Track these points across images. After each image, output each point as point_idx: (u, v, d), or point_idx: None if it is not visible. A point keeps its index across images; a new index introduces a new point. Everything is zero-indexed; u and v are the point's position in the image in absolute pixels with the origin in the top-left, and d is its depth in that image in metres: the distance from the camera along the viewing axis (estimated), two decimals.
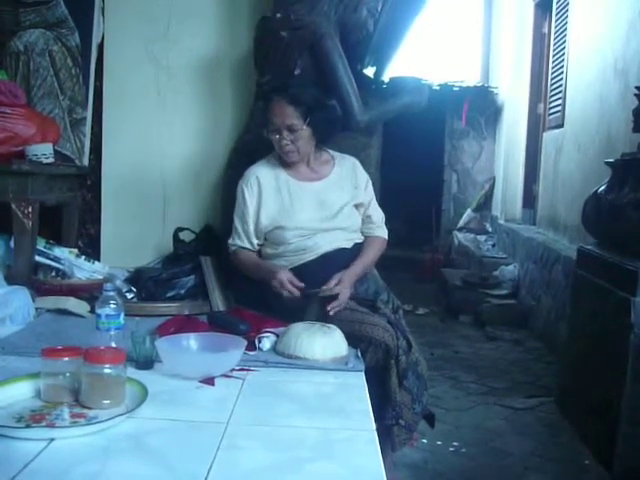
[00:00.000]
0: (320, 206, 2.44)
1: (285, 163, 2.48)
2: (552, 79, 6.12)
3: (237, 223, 2.48)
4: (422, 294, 6.82)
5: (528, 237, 5.96)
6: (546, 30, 6.61)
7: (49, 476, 1.22)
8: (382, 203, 2.67)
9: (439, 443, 3.14)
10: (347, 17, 2.86)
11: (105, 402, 1.51)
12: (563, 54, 5.72)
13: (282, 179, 2.46)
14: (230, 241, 2.51)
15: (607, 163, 3.46)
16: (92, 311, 2.24)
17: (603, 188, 3.39)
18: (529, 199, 6.83)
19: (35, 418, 1.45)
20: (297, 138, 2.39)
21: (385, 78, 3.88)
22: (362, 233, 2.54)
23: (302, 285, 2.26)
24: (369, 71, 3.75)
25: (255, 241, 2.48)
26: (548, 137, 6.15)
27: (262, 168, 2.49)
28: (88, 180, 3.19)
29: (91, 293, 2.49)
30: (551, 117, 6.06)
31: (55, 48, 3.06)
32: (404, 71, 4.29)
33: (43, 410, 1.50)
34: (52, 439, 1.35)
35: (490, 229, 8.17)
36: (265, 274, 2.36)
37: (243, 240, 2.48)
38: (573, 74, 5.41)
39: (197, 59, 3.13)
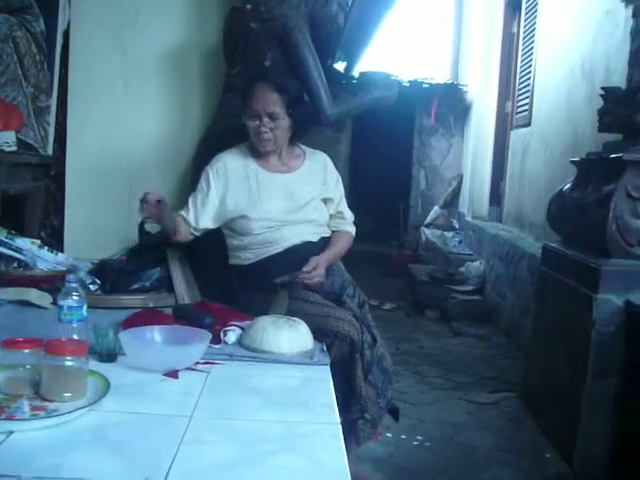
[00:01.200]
0: (288, 198, 2.43)
1: (256, 153, 2.46)
2: (520, 78, 6.18)
3: (190, 199, 2.46)
4: (389, 289, 6.85)
5: (494, 234, 6.01)
6: (515, 30, 6.67)
7: (8, 469, 1.20)
8: (350, 198, 2.67)
9: (403, 437, 3.16)
10: (317, 10, 2.86)
11: (66, 395, 1.49)
12: (532, 54, 5.78)
13: (251, 168, 2.45)
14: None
15: (572, 162, 3.51)
16: (54, 303, 2.20)
17: (568, 186, 3.43)
18: (496, 197, 6.89)
19: None
20: (276, 127, 2.38)
21: (355, 73, 3.89)
22: (331, 228, 2.54)
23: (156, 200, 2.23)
24: (340, 66, 3.75)
25: (202, 220, 2.44)
26: (515, 135, 6.21)
27: (231, 155, 2.47)
28: (52, 170, 3.14)
29: (54, 285, 2.45)
30: (519, 116, 6.12)
31: (19, 34, 3.00)
32: (374, 67, 4.29)
33: (2, 403, 1.47)
34: (11, 432, 1.33)
35: (457, 226, 8.23)
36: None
37: (188, 212, 2.44)
38: (541, 74, 5.47)
39: (165, 49, 3.09)
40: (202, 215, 2.43)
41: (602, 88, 3.24)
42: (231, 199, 2.41)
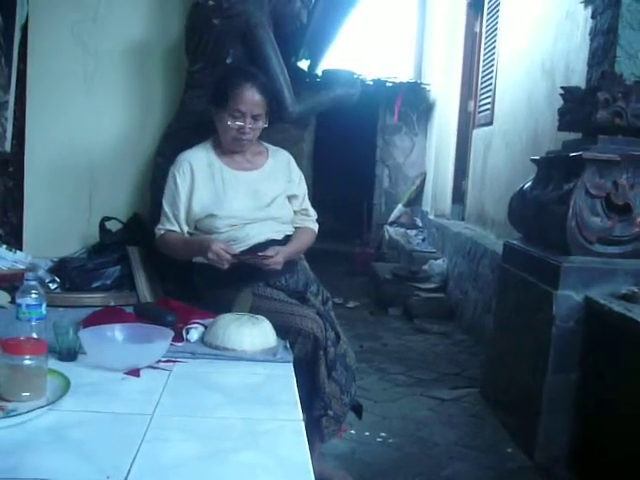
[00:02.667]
0: (253, 195, 2.42)
1: (221, 150, 2.45)
2: (482, 77, 6.25)
3: (167, 208, 2.41)
4: (353, 287, 6.88)
5: (457, 232, 6.07)
6: (478, 29, 6.74)
7: None
8: (314, 197, 2.67)
9: (367, 434, 3.17)
10: (281, 7, 2.85)
11: (25, 394, 1.46)
12: (494, 53, 5.84)
13: (216, 167, 2.43)
14: (158, 226, 2.44)
15: (533, 160, 3.55)
16: (13, 301, 2.16)
17: (528, 184, 3.48)
18: (458, 195, 6.96)
19: None
20: (257, 127, 2.39)
21: (319, 71, 3.89)
22: (294, 224, 2.54)
23: (237, 252, 2.24)
24: (303, 64, 3.75)
25: (185, 228, 2.42)
26: (477, 134, 6.27)
27: (195, 154, 2.45)
28: (10, 166, 3.07)
29: (12, 283, 2.40)
30: (481, 115, 6.18)
31: None
32: (338, 65, 4.30)
33: None
34: None
35: (420, 224, 8.30)
36: (197, 249, 2.32)
37: (173, 224, 2.40)
38: (503, 73, 5.54)
39: (126, 44, 3.04)
40: (183, 223, 2.42)
41: (562, 88, 3.29)
42: (197, 200, 2.38)
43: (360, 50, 9.71)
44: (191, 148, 2.48)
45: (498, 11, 5.80)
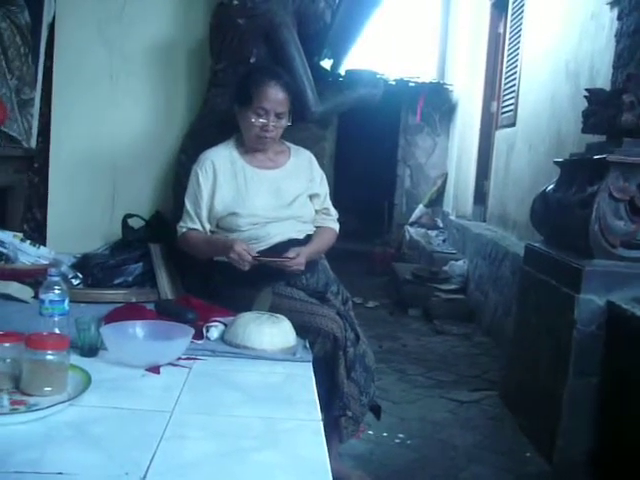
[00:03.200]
0: (275, 194, 2.43)
1: (243, 149, 2.46)
2: (506, 78, 6.21)
3: (189, 206, 2.42)
4: (373, 287, 6.87)
5: (478, 233, 6.04)
6: (501, 30, 6.70)
7: None
8: (335, 196, 2.67)
9: (385, 435, 3.17)
10: (305, 7, 2.86)
11: (47, 389, 1.48)
12: (517, 54, 5.81)
13: (239, 165, 2.44)
14: (180, 223, 2.45)
15: (556, 162, 3.53)
16: (36, 296, 2.19)
17: (551, 187, 3.45)
18: (480, 196, 6.93)
19: None
20: (280, 125, 2.40)
21: (342, 71, 3.88)
22: (316, 224, 2.54)
23: (256, 254, 2.25)
24: (326, 63, 3.75)
25: (207, 226, 2.43)
26: (500, 135, 6.24)
27: (218, 153, 2.46)
28: (35, 163, 3.11)
29: (35, 278, 2.43)
30: (504, 116, 6.15)
31: (3, 25, 2.95)
32: (361, 65, 4.29)
33: None
34: None
35: (441, 224, 8.27)
36: (220, 248, 2.33)
37: (195, 222, 2.42)
38: (526, 74, 5.50)
39: (151, 43, 3.07)
40: (205, 221, 2.43)
41: (586, 90, 3.26)
42: (219, 198, 2.39)
43: (383, 50, 9.69)
44: (215, 146, 2.49)
45: (522, 12, 5.76)
